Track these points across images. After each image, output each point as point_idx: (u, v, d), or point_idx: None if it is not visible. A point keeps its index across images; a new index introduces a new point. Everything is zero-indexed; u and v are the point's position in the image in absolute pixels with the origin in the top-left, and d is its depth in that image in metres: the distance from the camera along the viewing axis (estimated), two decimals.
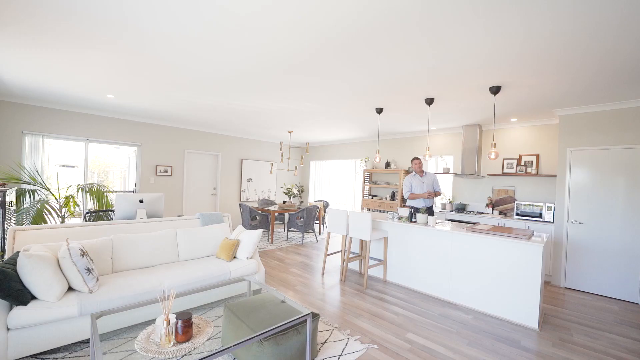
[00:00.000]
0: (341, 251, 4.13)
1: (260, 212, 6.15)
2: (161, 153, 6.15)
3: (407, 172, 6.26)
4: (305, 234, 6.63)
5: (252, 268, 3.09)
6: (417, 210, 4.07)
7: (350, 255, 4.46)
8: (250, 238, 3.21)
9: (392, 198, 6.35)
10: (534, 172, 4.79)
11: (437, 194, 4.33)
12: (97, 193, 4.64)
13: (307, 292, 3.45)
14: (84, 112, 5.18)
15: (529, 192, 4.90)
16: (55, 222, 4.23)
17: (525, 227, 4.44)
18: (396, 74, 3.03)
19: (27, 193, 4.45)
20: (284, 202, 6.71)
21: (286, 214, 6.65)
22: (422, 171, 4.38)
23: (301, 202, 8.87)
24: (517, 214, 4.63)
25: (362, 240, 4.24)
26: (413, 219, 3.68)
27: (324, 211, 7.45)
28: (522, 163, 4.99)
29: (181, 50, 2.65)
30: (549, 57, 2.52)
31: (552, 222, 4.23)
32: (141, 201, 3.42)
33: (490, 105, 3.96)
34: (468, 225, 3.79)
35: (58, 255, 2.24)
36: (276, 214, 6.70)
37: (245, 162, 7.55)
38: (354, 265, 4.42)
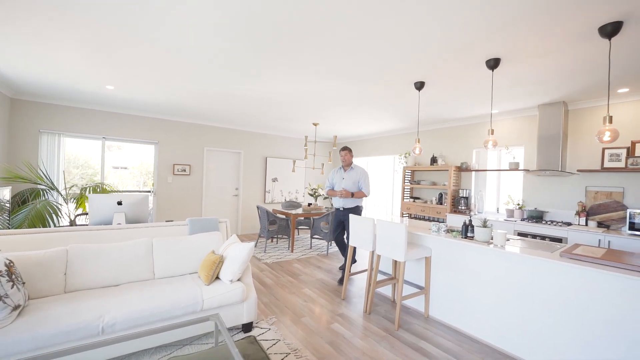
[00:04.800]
0: (367, 271, 3.15)
1: (280, 215, 5.42)
2: (179, 151, 5.79)
3: (460, 168, 4.99)
4: (331, 242, 5.72)
5: (235, 295, 2.30)
6: (337, 210, 3.80)
7: (379, 278, 3.45)
8: (238, 254, 2.44)
9: (440, 201, 5.12)
10: None
11: (357, 194, 3.70)
12: (102, 192, 4.34)
13: (314, 328, 2.56)
14: (99, 109, 4.99)
15: None
16: (59, 224, 3.99)
17: None
18: (437, 23, 2.00)
19: (43, 193, 4.32)
20: (309, 204, 5.90)
21: (311, 218, 5.83)
22: (349, 165, 3.78)
23: (332, 204, 7.98)
24: (632, 229, 3.15)
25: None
26: (469, 234, 2.55)
27: None
28: (637, 153, 3.46)
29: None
30: None
31: None
32: (119, 203, 2.87)
33: (587, 66, 2.65)
34: (553, 243, 2.54)
35: None
36: (301, 218, 5.92)
37: (269, 160, 6.93)
38: (386, 290, 3.40)
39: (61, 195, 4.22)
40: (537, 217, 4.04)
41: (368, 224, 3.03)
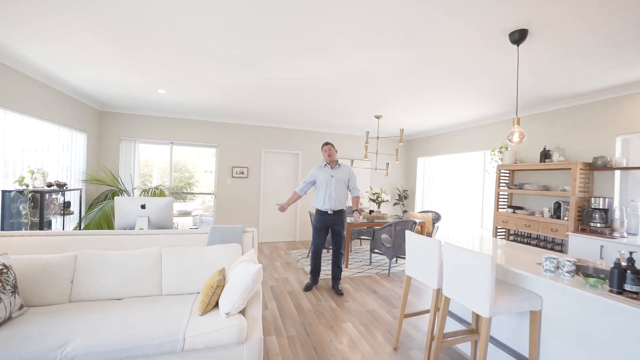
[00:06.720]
0: (429, 313, 2.16)
1: None
2: (237, 153, 5.75)
3: (591, 166, 3.35)
4: (396, 259, 4.72)
5: (227, 335, 1.71)
6: (323, 213, 3.35)
7: (450, 327, 2.38)
8: (240, 279, 1.86)
9: (557, 214, 3.57)
10: None
11: (356, 201, 3.47)
12: (160, 195, 4.50)
13: None
14: (165, 115, 5.29)
15: None
16: None
17: None
18: None
19: (120, 194, 4.76)
20: (371, 211, 5.04)
21: (372, 229, 4.94)
22: (335, 161, 3.43)
23: (404, 211, 6.85)
24: None
25: None
26: (627, 286, 1.33)
27: (432, 226, 5.27)
28: None
29: None
30: None
31: None
32: (143, 207, 2.69)
33: None
34: None
35: None
36: (359, 228, 5.10)
37: None
38: (463, 345, 2.32)
39: (130, 196, 4.54)
40: None
41: (432, 249, 2.06)
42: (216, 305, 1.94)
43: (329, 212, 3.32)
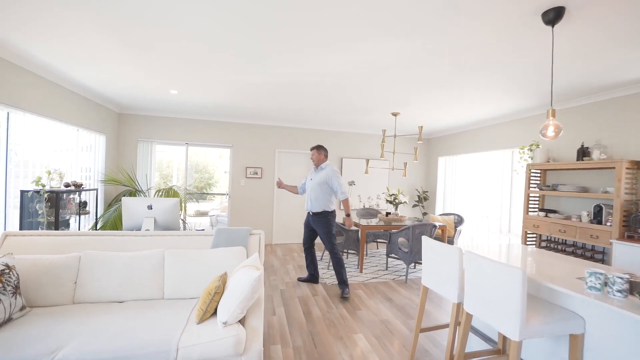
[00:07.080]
0: (449, 328, 1.93)
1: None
2: (251, 154, 5.70)
3: (638, 165, 2.96)
4: (414, 264, 4.45)
5: (223, 346, 1.59)
6: (307, 214, 3.58)
7: (472, 346, 2.13)
8: (239, 286, 1.74)
9: (597, 219, 3.18)
10: None
11: (345, 204, 3.39)
12: (174, 195, 4.51)
13: None
14: (181, 117, 5.34)
15: None
16: None
17: None
18: None
19: (137, 194, 4.84)
20: (387, 213, 4.81)
21: (389, 232, 4.71)
22: (318, 165, 3.49)
23: (424, 214, 6.53)
24: None
25: None
26: None
27: (454, 230, 4.95)
28: None
29: None
30: None
31: None
32: (150, 207, 2.66)
33: None
34: None
35: None
36: (374, 231, 4.87)
37: (345, 161, 6.14)
38: None
39: (145, 196, 4.60)
40: None
41: (451, 257, 1.84)
42: (215, 312, 1.83)
43: (310, 213, 3.51)
